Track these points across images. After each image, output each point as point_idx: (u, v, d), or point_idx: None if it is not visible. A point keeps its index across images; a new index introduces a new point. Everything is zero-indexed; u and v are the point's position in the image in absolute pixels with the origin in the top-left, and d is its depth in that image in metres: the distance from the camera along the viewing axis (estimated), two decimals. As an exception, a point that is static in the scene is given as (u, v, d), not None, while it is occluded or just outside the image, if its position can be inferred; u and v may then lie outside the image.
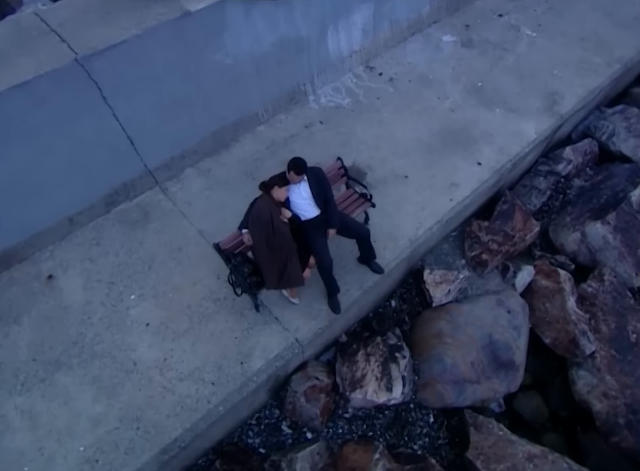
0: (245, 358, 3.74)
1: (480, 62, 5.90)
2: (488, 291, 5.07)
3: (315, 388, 4.34)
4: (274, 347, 3.81)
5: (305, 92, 5.36)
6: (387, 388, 4.31)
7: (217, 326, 3.88)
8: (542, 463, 4.18)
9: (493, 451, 4.26)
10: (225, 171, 4.80)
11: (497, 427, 4.45)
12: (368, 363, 4.48)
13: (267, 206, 3.41)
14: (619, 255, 5.36)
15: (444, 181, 4.77)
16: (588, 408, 4.73)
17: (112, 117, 3.95)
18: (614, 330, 4.92)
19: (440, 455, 4.58)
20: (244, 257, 3.63)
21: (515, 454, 4.20)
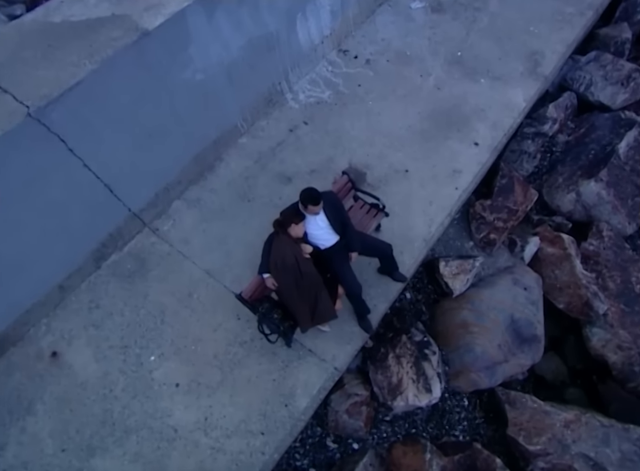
0: (289, 400, 3.59)
1: (455, 28, 5.53)
2: (499, 269, 5.07)
3: (356, 404, 4.30)
4: (315, 380, 3.66)
5: (281, 91, 4.86)
6: (427, 390, 4.32)
7: (251, 371, 3.66)
8: (577, 427, 4.40)
9: (532, 425, 4.44)
10: (217, 197, 4.36)
11: (530, 400, 4.61)
12: (400, 365, 4.44)
13: (290, 248, 3.12)
14: (613, 208, 5.45)
15: (446, 169, 4.57)
16: (604, 361, 4.97)
17: (84, 168, 3.41)
18: (620, 284, 5.10)
19: (479, 434, 4.74)
20: (271, 302, 3.37)
21: (553, 424, 4.40)
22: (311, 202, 3.07)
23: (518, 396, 4.61)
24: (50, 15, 3.33)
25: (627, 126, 5.58)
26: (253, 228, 4.20)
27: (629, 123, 5.61)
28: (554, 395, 5.07)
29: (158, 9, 3.37)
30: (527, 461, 4.31)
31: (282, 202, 4.31)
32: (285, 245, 3.10)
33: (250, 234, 4.17)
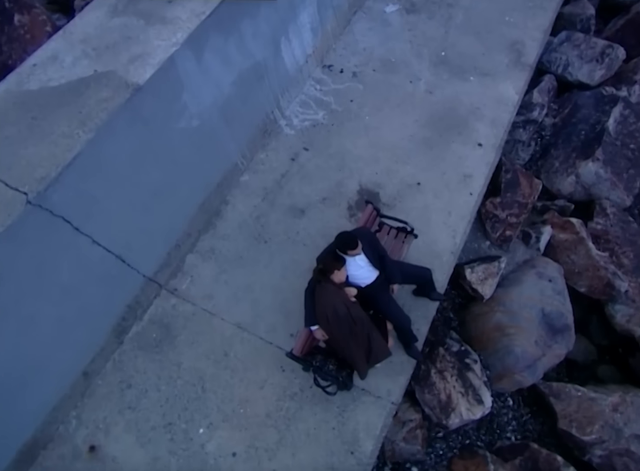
0: (354, 446, 3.42)
1: (433, 28, 5.43)
2: (518, 263, 5.08)
3: (411, 430, 4.20)
4: (376, 420, 3.50)
5: (275, 119, 4.62)
6: (478, 401, 4.25)
7: (308, 424, 3.47)
8: (625, 409, 4.45)
9: (582, 415, 4.46)
10: (231, 244, 4.09)
11: (573, 389, 4.63)
12: (445, 380, 4.35)
13: (337, 297, 2.95)
14: (611, 184, 5.55)
15: (457, 175, 4.48)
16: (631, 335, 5.06)
17: (93, 244, 3.08)
18: (633, 259, 5.20)
19: (529, 431, 4.74)
20: (322, 353, 3.19)
21: (602, 410, 4.43)
22: (350, 247, 2.91)
23: (561, 387, 4.62)
24: (25, 82, 2.96)
25: (611, 102, 5.67)
26: (276, 270, 3.98)
27: (612, 100, 5.71)
28: (587, 375, 5.13)
29: (144, 60, 3.07)
30: (583, 451, 4.33)
31: (300, 237, 4.11)
32: (331, 294, 2.92)
33: (275, 277, 3.95)
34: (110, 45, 3.08)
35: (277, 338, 3.68)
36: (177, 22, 3.12)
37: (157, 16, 3.20)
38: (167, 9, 3.23)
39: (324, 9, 4.62)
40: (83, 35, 3.20)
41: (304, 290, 3.27)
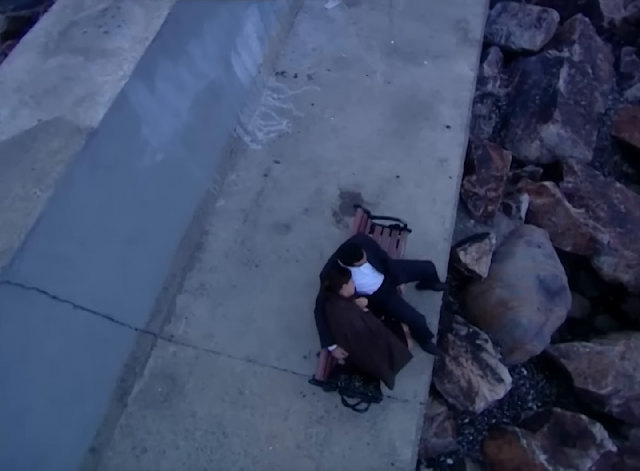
0: (392, 457, 3.30)
1: (377, 18, 5.35)
2: (504, 235, 5.13)
3: (440, 424, 4.14)
4: (409, 424, 3.40)
5: (239, 137, 4.39)
6: (498, 380, 4.24)
7: (342, 445, 3.32)
8: (631, 355, 4.57)
9: (594, 370, 4.55)
10: (221, 275, 3.85)
11: (580, 346, 4.70)
12: (462, 367, 4.31)
13: (352, 312, 2.80)
14: (573, 142, 5.70)
15: (432, 161, 4.43)
16: (619, 283, 5.25)
17: (76, 309, 2.77)
18: (608, 210, 5.36)
19: (547, 396, 4.80)
20: (345, 371, 3.04)
21: (611, 361, 4.54)
22: (356, 259, 2.77)
23: (569, 347, 4.69)
24: (-40, 147, 2.62)
25: (557, 64, 5.82)
26: (274, 293, 3.79)
27: (557, 62, 5.86)
28: (587, 329, 5.26)
29: (93, 99, 2.78)
30: (602, 404, 4.41)
31: (291, 254, 3.94)
32: (344, 310, 2.78)
33: (274, 301, 3.76)
34: (50, 89, 2.77)
35: (290, 364, 3.50)
36: (120, 52, 2.85)
37: (96, 50, 2.91)
38: (105, 40, 2.95)
39: (266, 15, 4.42)
40: (16, 83, 2.86)
41: (306, 308, 3.13)
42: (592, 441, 4.05)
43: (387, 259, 3.13)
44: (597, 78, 6.15)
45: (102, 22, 2.99)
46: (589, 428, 4.12)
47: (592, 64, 6.15)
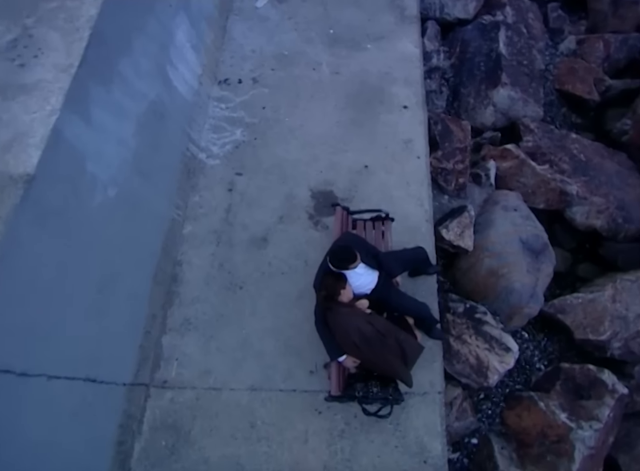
0: (423, 454, 3.15)
1: (311, 9, 5.14)
2: (479, 205, 5.11)
3: (459, 407, 4.06)
4: (433, 417, 3.26)
5: (193, 155, 4.08)
6: (506, 350, 4.18)
7: (370, 455, 3.13)
8: (621, 296, 4.63)
9: (590, 319, 4.58)
10: (205, 305, 3.55)
11: (572, 299, 4.64)
12: (467, 344, 4.23)
13: (356, 316, 2.61)
14: (523, 102, 5.75)
15: (397, 144, 4.29)
16: (593, 229, 5.36)
17: (51, 380, 2.41)
18: (570, 161, 5.44)
19: (552, 353, 4.84)
20: (359, 379, 2.85)
21: (605, 307, 4.58)
22: (350, 262, 2.58)
23: (562, 302, 4.73)
24: None
25: (494, 29, 5.86)
26: (265, 312, 3.55)
27: (493, 26, 5.89)
28: (573, 279, 5.34)
29: (22, 142, 2.43)
30: (603, 350, 4.47)
31: (274, 267, 3.70)
32: (348, 316, 2.59)
33: (267, 320, 3.52)
34: (-32, 140, 2.39)
35: (298, 383, 3.28)
36: (44, 85, 2.50)
37: (14, 86, 2.55)
38: (22, 74, 2.58)
39: (196, 22, 4.12)
40: None
41: (302, 321, 2.95)
42: (605, 389, 4.08)
43: (378, 254, 2.96)
44: (532, 36, 6.24)
45: (15, 55, 2.62)
46: (599, 377, 4.14)
47: (525, 23, 6.23)
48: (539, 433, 3.94)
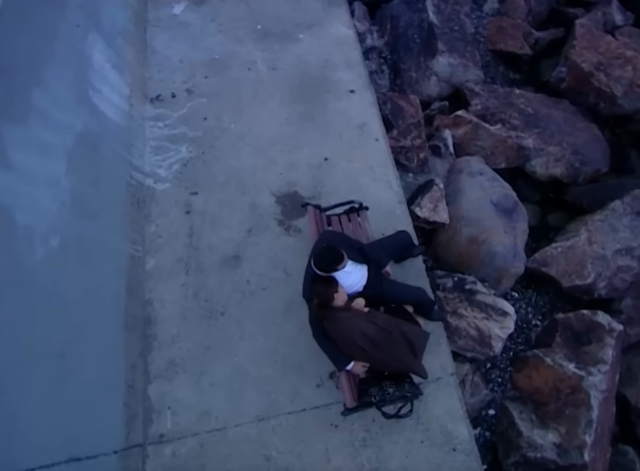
0: (451, 442, 2.97)
1: (233, 7, 4.80)
2: (444, 176, 5.02)
3: (471, 383, 3.95)
4: (452, 402, 3.10)
5: (140, 183, 3.69)
6: (503, 314, 4.09)
7: (398, 456, 2.92)
8: (595, 237, 4.61)
9: (573, 265, 4.48)
10: (188, 342, 3.17)
11: (551, 249, 4.67)
12: (464, 317, 4.10)
13: (356, 319, 2.40)
14: (464, 67, 5.69)
15: (353, 130, 4.08)
16: (554, 178, 5.40)
17: None
18: (520, 117, 5.42)
19: (543, 306, 4.83)
20: (372, 383, 2.63)
21: (583, 251, 4.52)
22: (337, 263, 2.35)
23: (542, 255, 4.71)
24: None
25: (420, 0, 5.79)
26: (254, 334, 3.26)
27: (419, -4, 5.80)
28: (546, 231, 5.38)
29: None
30: (591, 292, 4.51)
31: (254, 284, 3.42)
32: (347, 320, 2.37)
33: (258, 342, 3.23)
34: None
35: (306, 401, 3.03)
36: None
37: None
38: None
39: (112, 39, 3.72)
40: None
41: (295, 334, 2.74)
42: (603, 330, 4.08)
43: (362, 247, 2.75)
44: (457, 2, 6.20)
45: None
46: (594, 319, 4.15)
47: (447, -10, 6.19)
48: (552, 388, 3.88)
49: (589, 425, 3.63)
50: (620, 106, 5.43)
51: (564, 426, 3.73)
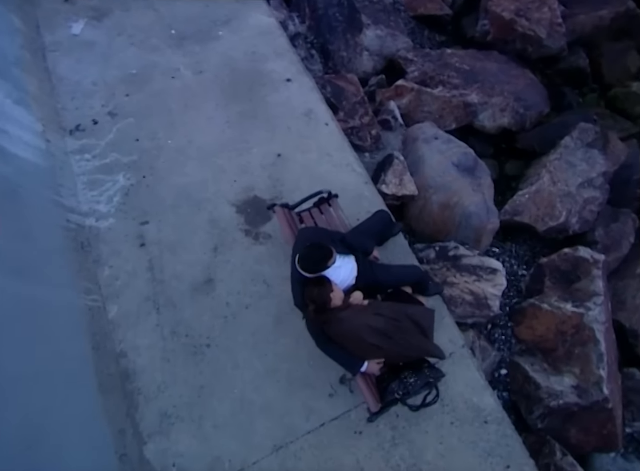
0: (480, 415, 2.77)
1: (139, 16, 4.33)
2: (400, 149, 4.85)
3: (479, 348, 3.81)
4: (471, 373, 2.90)
5: (79, 225, 3.19)
6: (493, 272, 3.97)
7: (432, 446, 2.69)
8: (556, 175, 4.61)
9: (543, 208, 4.45)
10: (176, 388, 2.74)
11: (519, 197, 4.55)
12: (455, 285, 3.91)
13: (359, 315, 2.15)
14: (392, 36, 5.57)
15: (300, 119, 3.77)
16: (503, 128, 5.35)
17: None
18: (457, 74, 5.32)
19: (524, 255, 4.76)
20: (391, 378, 2.38)
21: (549, 191, 4.46)
22: (326, 260, 2.08)
23: (512, 205, 4.65)
24: None
25: (334, -24, 5.54)
26: (249, 358, 2.93)
27: (332, -27, 5.57)
28: (507, 181, 5.36)
29: None
30: (565, 230, 4.54)
31: (233, 306, 3.08)
32: (353, 319, 2.11)
33: (255, 365, 2.90)
34: None
35: (323, 414, 2.75)
36: None
37: None
38: None
39: (6, 72, 3.20)
40: None
41: (293, 348, 2.50)
42: (587, 263, 4.07)
43: (343, 237, 2.49)
44: (369, -26, 6.03)
45: None
46: (577, 255, 4.13)
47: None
48: (556, 333, 3.81)
49: (600, 358, 3.58)
50: (547, 47, 5.49)
51: (577, 367, 3.67)
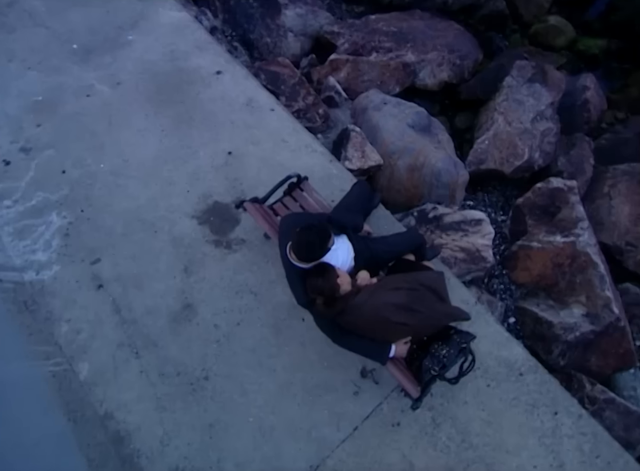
0: (513, 369, 2.58)
1: (30, 36, 3.72)
2: (350, 123, 4.59)
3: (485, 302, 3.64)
4: (491, 329, 2.70)
5: (18, 282, 2.65)
6: (477, 223, 3.78)
7: (475, 416, 2.46)
8: (510, 116, 4.55)
9: (505, 149, 4.37)
10: (183, 437, 2.32)
11: (478, 144, 4.51)
12: (445, 245, 3.76)
13: (377, 295, 1.86)
14: (313, 13, 5.30)
15: (242, 112, 3.40)
16: (445, 82, 5.20)
17: None
18: (388, 38, 5.13)
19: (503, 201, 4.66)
20: (424, 356, 2.09)
21: (507, 132, 4.40)
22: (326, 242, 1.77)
23: (474, 154, 4.60)
24: None
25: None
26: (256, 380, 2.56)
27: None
28: (460, 133, 5.28)
29: None
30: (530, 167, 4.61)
31: (223, 328, 2.70)
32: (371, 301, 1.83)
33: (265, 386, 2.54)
34: None
35: (353, 417, 2.44)
36: None
37: None
38: None
39: None
40: None
41: (302, 354, 2.26)
42: (563, 192, 4.02)
43: (329, 217, 2.19)
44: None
45: None
46: (550, 187, 4.08)
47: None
48: (553, 267, 3.72)
49: (602, 280, 3.51)
50: (466, -5, 5.40)
51: (583, 295, 3.59)
